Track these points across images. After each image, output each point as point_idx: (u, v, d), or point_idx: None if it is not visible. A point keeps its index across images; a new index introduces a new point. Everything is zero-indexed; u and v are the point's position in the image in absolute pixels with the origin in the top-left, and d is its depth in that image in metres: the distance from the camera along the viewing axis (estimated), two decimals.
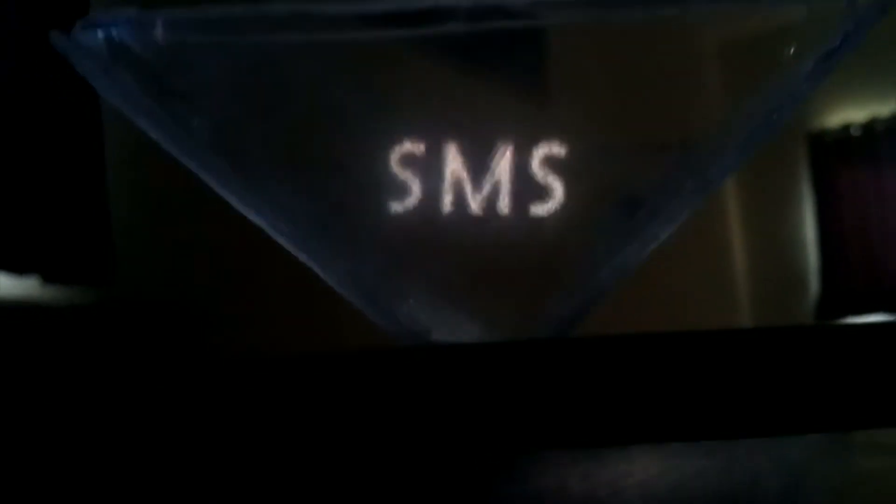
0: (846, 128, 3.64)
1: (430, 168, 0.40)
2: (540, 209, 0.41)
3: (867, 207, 3.63)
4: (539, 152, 0.42)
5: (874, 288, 3.58)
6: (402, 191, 0.39)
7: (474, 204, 0.40)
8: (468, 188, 0.40)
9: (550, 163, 0.42)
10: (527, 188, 0.41)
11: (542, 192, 0.41)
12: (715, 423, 0.31)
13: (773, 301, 3.73)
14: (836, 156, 3.66)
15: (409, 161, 0.39)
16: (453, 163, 0.40)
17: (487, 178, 0.41)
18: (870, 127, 3.64)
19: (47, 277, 1.79)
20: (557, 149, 0.42)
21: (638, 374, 0.31)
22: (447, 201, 0.40)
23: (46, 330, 1.72)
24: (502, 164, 0.41)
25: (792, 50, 0.33)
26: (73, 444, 0.30)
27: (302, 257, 0.38)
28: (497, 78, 0.41)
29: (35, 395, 0.31)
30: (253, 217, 0.36)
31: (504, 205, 0.41)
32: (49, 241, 1.78)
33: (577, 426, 0.31)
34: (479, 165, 0.40)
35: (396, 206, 0.39)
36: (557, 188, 0.42)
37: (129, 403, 0.31)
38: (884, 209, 3.59)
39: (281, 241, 0.37)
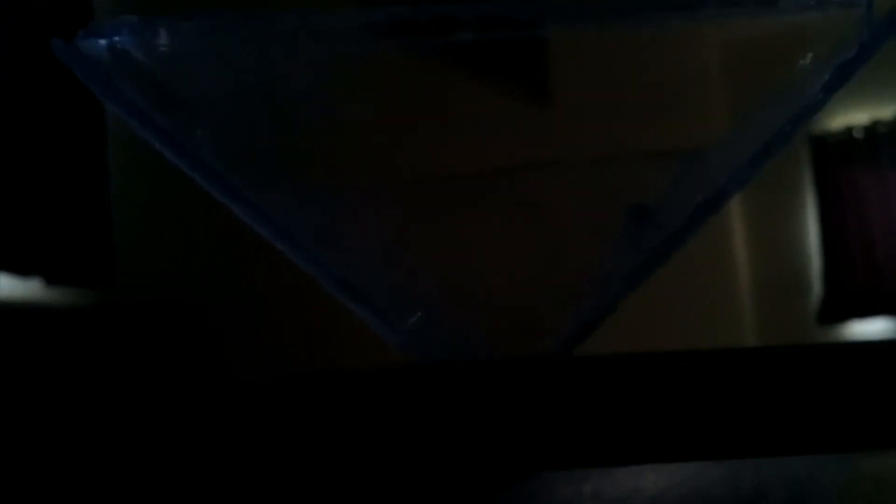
0: (848, 130, 3.63)
1: (434, 178, 0.39)
2: (548, 220, 0.41)
3: (869, 209, 3.62)
4: (545, 162, 0.41)
5: (876, 290, 3.58)
6: (407, 202, 0.38)
7: (481, 215, 0.40)
8: (474, 198, 0.40)
9: (556, 173, 0.42)
10: (534, 199, 0.41)
11: (549, 203, 0.41)
12: (722, 442, 0.31)
13: (775, 303, 3.72)
14: (839, 158, 3.66)
15: (414, 171, 0.38)
16: (458, 172, 0.39)
17: (493, 188, 0.40)
18: (872, 129, 3.64)
19: (50, 279, 1.79)
20: (563, 158, 0.42)
21: (643, 393, 0.30)
22: (454, 213, 0.39)
23: (49, 331, 1.72)
24: (509, 173, 0.40)
25: (807, 60, 0.33)
26: (74, 446, 0.30)
27: (308, 269, 0.37)
28: (503, 87, 0.41)
29: (37, 395, 0.30)
30: (258, 228, 0.36)
31: (511, 216, 0.40)
32: (52, 243, 1.78)
33: (583, 445, 0.30)
34: (484, 175, 0.40)
35: (403, 218, 0.38)
36: (564, 198, 0.41)
37: (132, 409, 0.31)
38: (886, 211, 3.59)
39: (286, 251, 0.37)
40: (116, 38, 0.31)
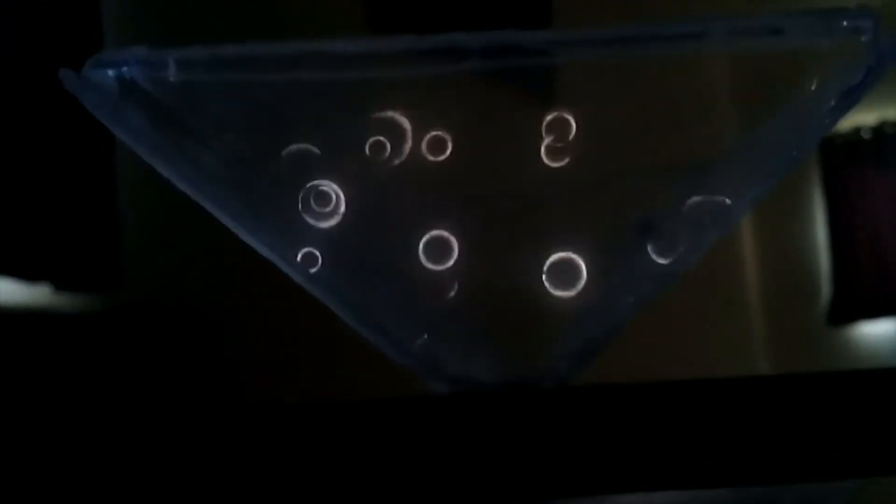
0: (856, 131, 3.62)
1: (439, 197, 0.39)
2: (553, 241, 0.41)
3: (878, 210, 3.61)
4: (550, 180, 0.41)
5: (885, 291, 3.57)
6: (416, 225, 0.38)
7: (485, 233, 0.40)
8: (480, 220, 0.40)
9: (562, 191, 0.42)
10: (539, 218, 0.41)
11: (554, 223, 0.41)
12: (728, 471, 0.31)
13: (784, 304, 3.71)
14: (847, 158, 3.65)
15: (421, 196, 0.38)
16: (466, 195, 0.39)
17: (498, 209, 0.40)
18: (880, 130, 3.63)
19: (58, 285, 1.80)
20: (569, 176, 0.42)
21: (650, 422, 0.30)
22: (459, 231, 0.39)
23: (57, 336, 1.72)
24: (513, 194, 0.40)
25: (814, 84, 0.33)
26: (79, 449, 0.30)
27: (315, 291, 0.37)
28: (509, 104, 0.41)
29: (46, 401, 0.31)
30: (265, 253, 0.36)
31: (516, 237, 0.40)
32: (60, 249, 1.79)
33: (590, 474, 0.30)
34: (489, 197, 0.40)
35: (411, 241, 0.38)
36: (569, 218, 0.41)
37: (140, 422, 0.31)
38: (895, 211, 3.58)
39: (293, 275, 0.37)
40: (125, 69, 0.31)
